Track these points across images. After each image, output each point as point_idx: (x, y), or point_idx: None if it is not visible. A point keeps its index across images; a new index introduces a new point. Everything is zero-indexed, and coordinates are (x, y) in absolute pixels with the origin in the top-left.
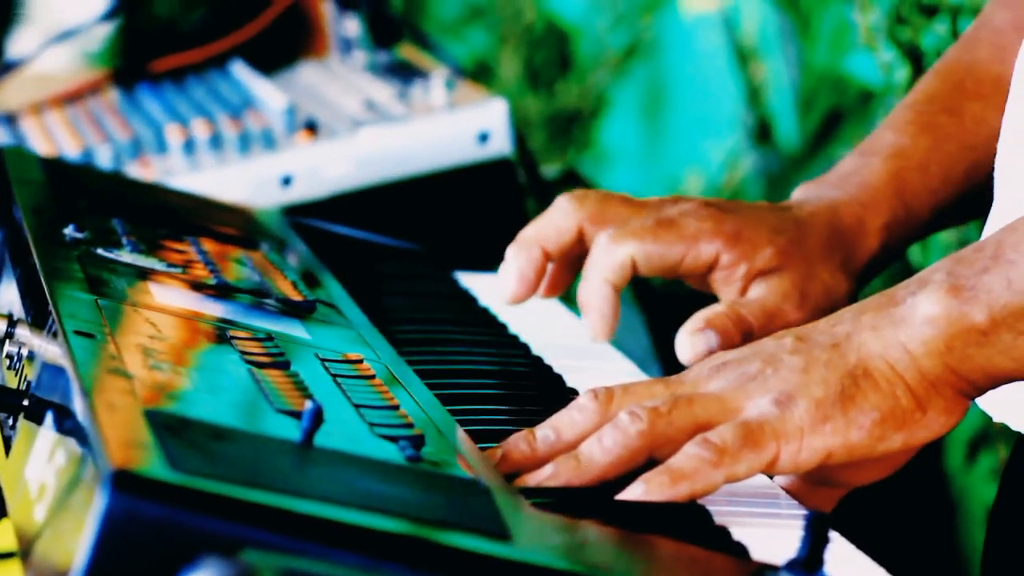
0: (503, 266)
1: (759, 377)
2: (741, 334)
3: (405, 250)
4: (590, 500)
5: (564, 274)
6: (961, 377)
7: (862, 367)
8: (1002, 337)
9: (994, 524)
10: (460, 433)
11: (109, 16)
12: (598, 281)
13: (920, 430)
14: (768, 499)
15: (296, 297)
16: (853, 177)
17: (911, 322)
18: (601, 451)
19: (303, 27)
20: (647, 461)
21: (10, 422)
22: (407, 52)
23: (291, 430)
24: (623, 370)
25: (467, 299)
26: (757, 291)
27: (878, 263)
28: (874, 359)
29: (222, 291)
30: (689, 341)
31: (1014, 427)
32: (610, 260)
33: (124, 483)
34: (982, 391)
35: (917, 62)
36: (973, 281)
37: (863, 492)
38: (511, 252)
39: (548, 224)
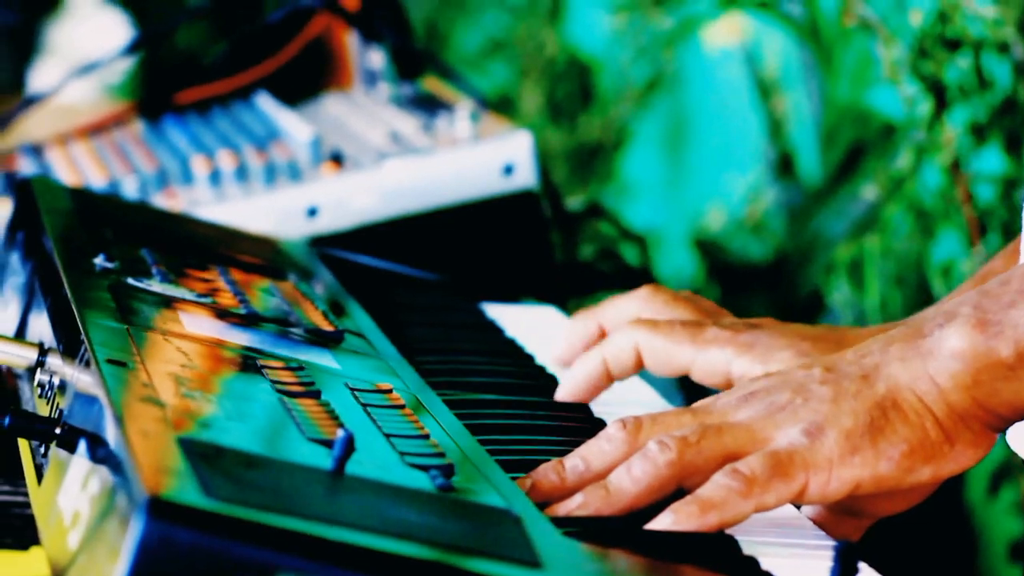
0: (565, 328)
1: (788, 407)
2: None
3: (431, 281)
4: (620, 529)
5: None
6: (988, 411)
7: (891, 399)
8: None
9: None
10: (490, 462)
11: (131, 49)
12: (595, 352)
13: (948, 462)
14: (795, 529)
15: (325, 327)
16: (944, 297)
17: (938, 355)
18: (630, 480)
19: (327, 59)
20: (676, 490)
21: (42, 450)
22: (431, 84)
23: (322, 458)
24: (648, 400)
25: (493, 330)
26: None
27: None
28: (903, 391)
29: (251, 320)
30: None
31: None
32: (616, 340)
33: (159, 510)
34: (1010, 423)
35: (940, 96)
36: (1000, 316)
37: (885, 523)
38: (571, 321)
39: (614, 304)
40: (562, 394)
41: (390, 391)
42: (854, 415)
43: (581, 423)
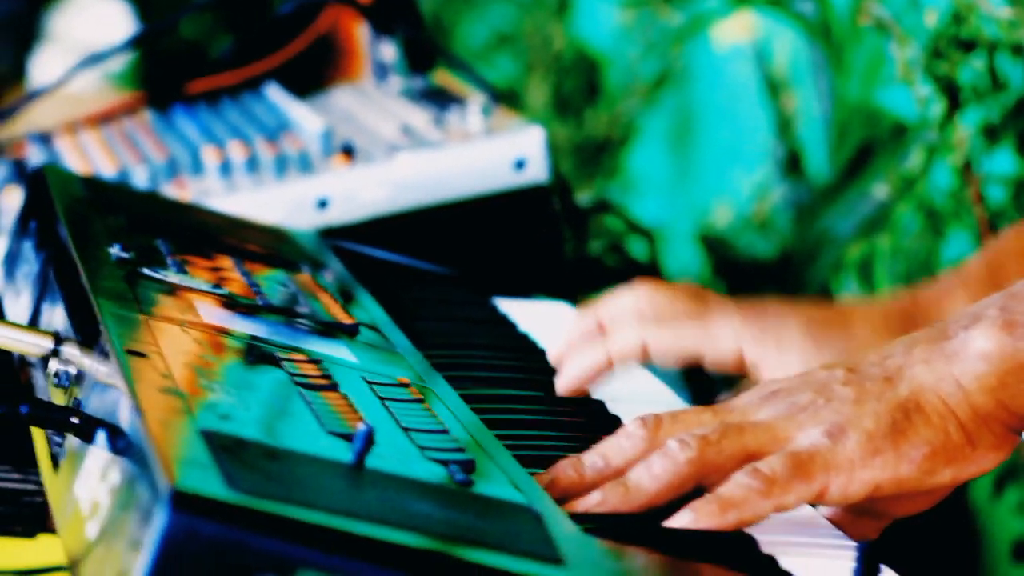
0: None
1: (810, 408)
2: None
3: (443, 275)
4: (638, 527)
5: None
6: (1012, 413)
7: (914, 400)
8: None
9: None
10: (508, 457)
11: (137, 41)
12: (599, 347)
13: (969, 465)
14: (812, 528)
15: (343, 319)
16: (952, 270)
17: (963, 357)
18: (650, 478)
19: (337, 52)
20: (695, 489)
21: (58, 439)
22: (442, 78)
23: (342, 452)
24: (662, 397)
25: (507, 325)
26: None
27: None
28: (926, 393)
29: (267, 311)
30: None
31: None
32: (622, 336)
33: (183, 502)
34: None
35: (954, 97)
36: None
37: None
38: (574, 317)
39: (613, 299)
40: (563, 385)
41: (408, 385)
42: (876, 417)
43: (596, 419)
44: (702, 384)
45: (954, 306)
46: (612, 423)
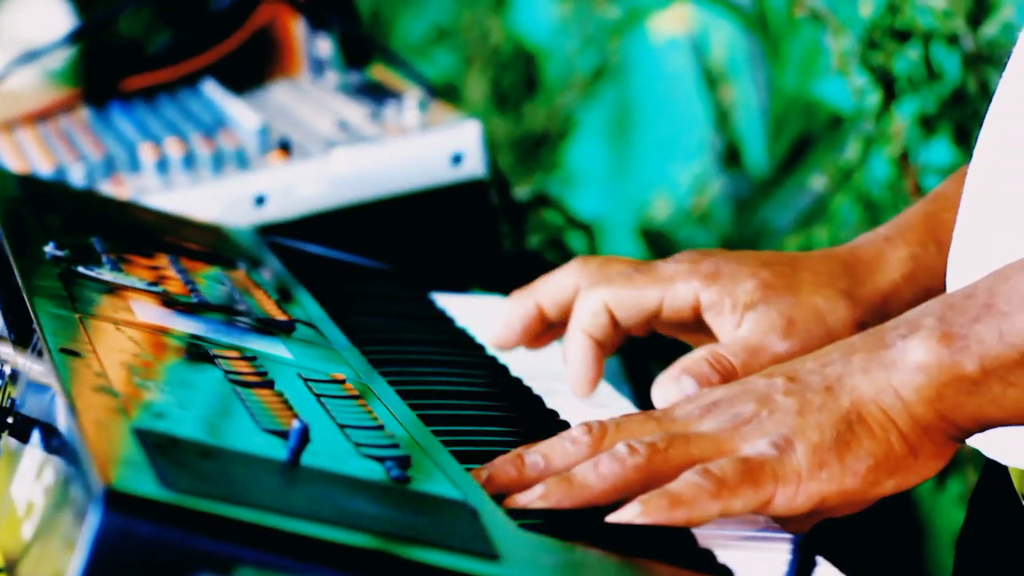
0: (503, 309)
1: (754, 420)
2: (722, 377)
3: (380, 271)
4: (576, 523)
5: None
6: (951, 423)
7: (855, 411)
8: (992, 388)
9: (962, 549)
10: (444, 453)
11: (75, 37)
12: (575, 332)
13: (911, 475)
14: (747, 522)
15: (279, 316)
16: (891, 220)
17: (902, 367)
18: (596, 476)
19: (274, 47)
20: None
21: None
22: (378, 73)
23: (277, 449)
24: (599, 391)
25: (444, 320)
26: (742, 328)
27: (906, 292)
28: (867, 403)
29: (202, 309)
30: (663, 391)
31: (987, 453)
32: (584, 309)
33: (116, 501)
34: (970, 435)
35: (889, 87)
36: (965, 330)
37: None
38: (508, 302)
39: (548, 279)
40: (579, 388)
41: (343, 381)
42: (820, 429)
43: (532, 415)
44: (644, 379)
45: (895, 257)
46: (549, 418)
